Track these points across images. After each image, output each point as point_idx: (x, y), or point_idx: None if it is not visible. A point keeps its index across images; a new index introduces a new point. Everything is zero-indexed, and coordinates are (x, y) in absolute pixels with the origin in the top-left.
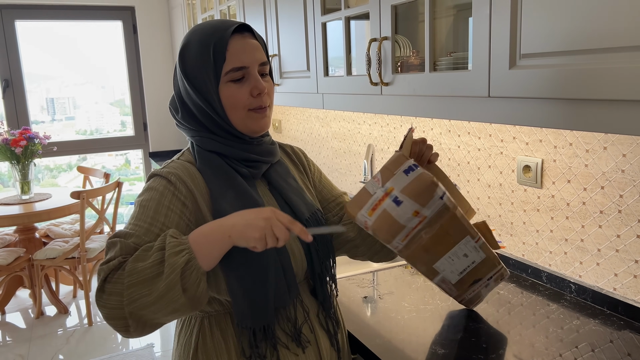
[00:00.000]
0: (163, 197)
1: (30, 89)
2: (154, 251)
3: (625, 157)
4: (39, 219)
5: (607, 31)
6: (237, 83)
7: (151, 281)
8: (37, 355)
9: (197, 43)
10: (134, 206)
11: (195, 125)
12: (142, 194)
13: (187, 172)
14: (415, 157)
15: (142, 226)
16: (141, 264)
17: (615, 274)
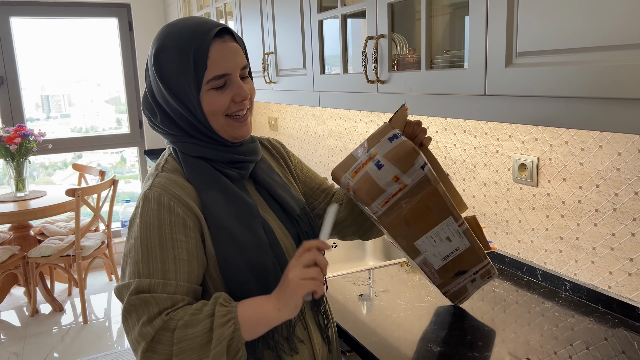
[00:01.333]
0: (162, 229)
1: (25, 86)
2: (203, 317)
3: (620, 155)
4: (34, 217)
5: (604, 29)
6: (218, 90)
7: (200, 349)
8: (31, 353)
9: (175, 48)
10: (131, 235)
11: (175, 130)
12: (138, 224)
13: (176, 185)
14: (407, 137)
15: (157, 269)
16: (191, 331)
17: (610, 272)
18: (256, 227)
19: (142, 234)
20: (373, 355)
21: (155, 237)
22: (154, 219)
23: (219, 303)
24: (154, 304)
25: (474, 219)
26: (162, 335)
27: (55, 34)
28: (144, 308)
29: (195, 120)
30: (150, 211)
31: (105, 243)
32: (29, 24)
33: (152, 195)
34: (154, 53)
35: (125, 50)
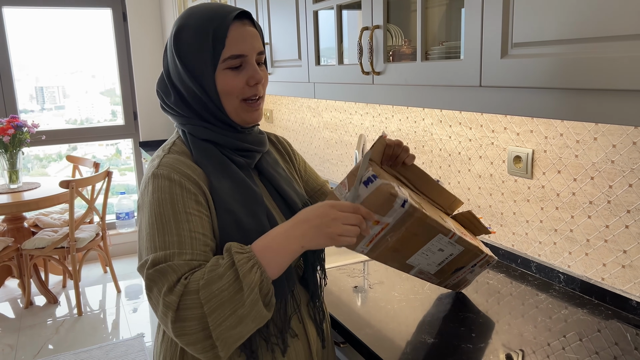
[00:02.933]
0: (175, 203)
1: (19, 77)
2: (224, 269)
3: (615, 147)
4: (28, 209)
5: (600, 20)
6: (234, 71)
7: (232, 301)
8: (26, 345)
9: (195, 27)
10: (143, 216)
11: (186, 111)
12: (149, 202)
13: (185, 165)
14: (389, 159)
15: (172, 241)
16: (216, 286)
17: (603, 264)
18: (260, 214)
19: (154, 210)
20: (367, 347)
21: (168, 211)
22: (166, 194)
23: (235, 252)
24: (171, 272)
25: (470, 214)
26: (186, 300)
27: (49, 24)
28: (162, 279)
29: (208, 100)
30: (161, 187)
31: (99, 235)
32: (22, 14)
33: (161, 173)
34: (174, 31)
35: (119, 41)
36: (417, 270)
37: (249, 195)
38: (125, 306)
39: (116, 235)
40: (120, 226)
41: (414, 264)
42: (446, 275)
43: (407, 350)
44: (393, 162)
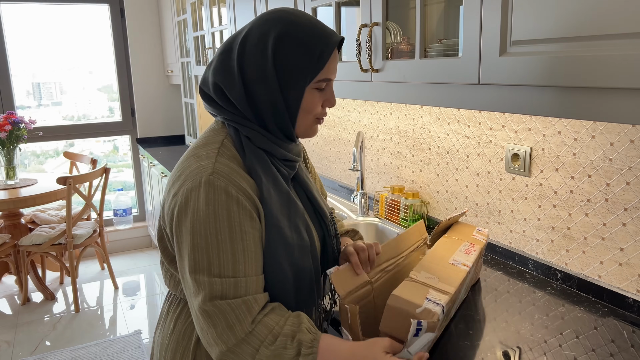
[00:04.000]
0: (232, 221)
1: (15, 73)
2: (291, 354)
3: (612, 145)
4: (25, 205)
5: (598, 18)
6: (319, 91)
7: None
8: (23, 342)
9: (301, 40)
10: (188, 222)
11: (248, 113)
12: (204, 212)
13: (240, 177)
14: (367, 262)
15: (227, 261)
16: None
17: (600, 262)
18: (302, 228)
19: (210, 223)
20: None
21: (225, 228)
22: (224, 210)
23: (304, 346)
24: (230, 312)
25: (445, 223)
26: (242, 347)
27: (47, 20)
28: (219, 316)
29: (284, 111)
30: (219, 202)
31: (97, 232)
32: (19, 10)
33: (218, 185)
34: (277, 34)
35: (117, 37)
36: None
37: (293, 209)
38: (122, 303)
39: (113, 232)
40: (117, 223)
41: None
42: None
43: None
44: (371, 262)
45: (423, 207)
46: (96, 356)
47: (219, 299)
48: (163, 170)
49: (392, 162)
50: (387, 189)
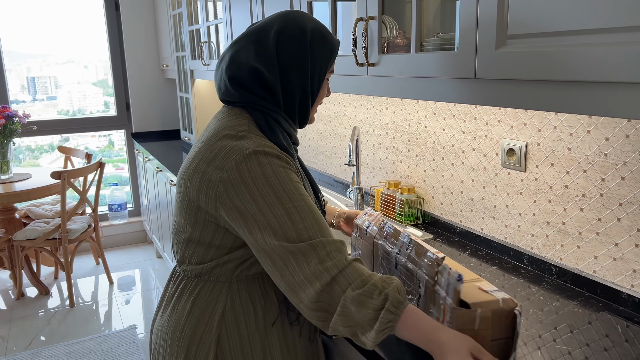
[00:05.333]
0: (291, 176)
1: (10, 67)
2: (372, 308)
3: (608, 140)
4: (19, 199)
5: (595, 12)
6: (326, 81)
7: (355, 325)
8: (17, 337)
9: (325, 35)
10: (253, 189)
11: (278, 99)
12: (262, 175)
13: (278, 150)
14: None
15: (308, 218)
16: (354, 309)
17: (595, 256)
18: (315, 203)
19: (274, 181)
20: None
21: (287, 182)
22: (281, 169)
23: (390, 310)
24: (322, 247)
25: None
26: (332, 286)
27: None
28: (311, 253)
29: (308, 96)
30: (274, 163)
31: (91, 226)
32: (13, 4)
33: (269, 152)
34: (312, 27)
35: (111, 31)
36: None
37: (308, 187)
38: (117, 298)
39: (108, 226)
40: (112, 218)
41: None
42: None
43: (401, 342)
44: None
45: (418, 202)
46: (91, 351)
47: (308, 240)
48: (158, 165)
49: (387, 157)
50: (383, 184)
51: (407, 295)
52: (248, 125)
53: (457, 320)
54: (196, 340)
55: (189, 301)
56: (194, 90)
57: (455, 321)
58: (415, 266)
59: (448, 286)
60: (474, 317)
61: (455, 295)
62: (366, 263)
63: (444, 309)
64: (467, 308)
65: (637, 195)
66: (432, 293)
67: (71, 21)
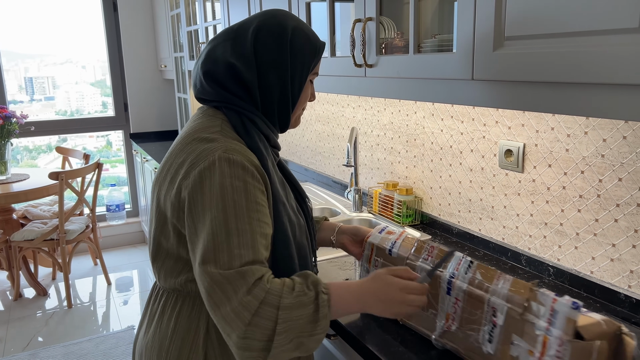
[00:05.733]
0: (248, 192)
1: (7, 67)
2: (309, 301)
3: (605, 142)
4: (16, 200)
5: (592, 14)
6: (310, 84)
7: (302, 330)
8: (15, 337)
9: (308, 35)
10: (208, 195)
11: (255, 98)
12: (220, 185)
13: (249, 153)
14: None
15: (245, 233)
16: (296, 313)
17: (592, 257)
18: (295, 205)
19: (227, 196)
20: (357, 339)
21: (242, 198)
22: (240, 182)
23: (321, 291)
24: (250, 274)
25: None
26: (265, 309)
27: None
28: (240, 280)
29: (290, 97)
30: (236, 174)
31: (89, 227)
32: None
33: (234, 159)
34: (294, 26)
35: (109, 31)
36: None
37: (286, 188)
38: (115, 298)
39: (106, 227)
40: (110, 218)
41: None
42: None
43: (398, 342)
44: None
45: (416, 203)
46: (89, 352)
47: (240, 266)
48: (156, 166)
49: (385, 157)
50: (381, 184)
51: (471, 325)
52: (221, 126)
53: (572, 356)
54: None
55: (172, 319)
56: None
57: (570, 356)
58: (485, 292)
59: (554, 315)
60: (591, 350)
61: (569, 326)
62: None
63: (546, 341)
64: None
65: (634, 196)
66: (519, 322)
67: (69, 21)
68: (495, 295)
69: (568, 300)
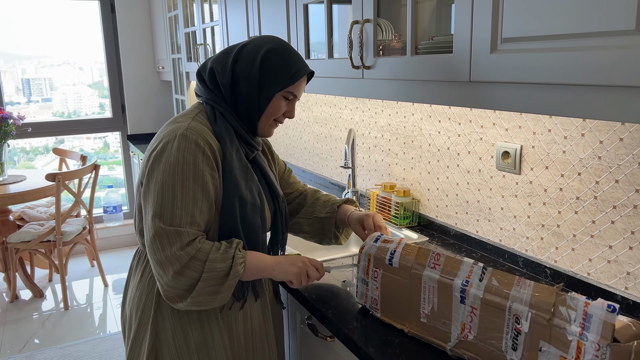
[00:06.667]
0: (197, 165)
1: (4, 69)
2: (229, 257)
3: (602, 144)
4: (13, 202)
5: (588, 16)
6: (284, 100)
7: (220, 279)
8: (11, 339)
9: (286, 58)
10: (161, 164)
11: (229, 98)
12: (175, 157)
13: (208, 135)
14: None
15: (188, 200)
16: (219, 266)
17: (589, 259)
18: (255, 190)
19: (179, 166)
20: (354, 341)
21: (190, 170)
22: (191, 156)
23: (238, 249)
24: (185, 235)
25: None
26: (193, 262)
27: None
28: (176, 237)
29: (255, 105)
30: (188, 149)
31: (86, 229)
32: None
33: (189, 136)
34: (269, 48)
35: (107, 33)
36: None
37: (249, 175)
38: (112, 300)
39: (103, 229)
40: (107, 220)
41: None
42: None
43: (395, 343)
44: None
45: (414, 205)
46: (85, 354)
47: (179, 226)
48: None
49: (383, 159)
50: (379, 186)
51: (491, 334)
52: (196, 113)
53: (612, 359)
54: (140, 309)
55: (140, 272)
56: (190, 93)
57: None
58: (504, 299)
59: (588, 319)
60: (630, 352)
61: (606, 329)
62: (395, 301)
63: (580, 346)
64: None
65: (630, 198)
66: (546, 328)
67: (67, 23)
68: (517, 302)
69: (603, 303)
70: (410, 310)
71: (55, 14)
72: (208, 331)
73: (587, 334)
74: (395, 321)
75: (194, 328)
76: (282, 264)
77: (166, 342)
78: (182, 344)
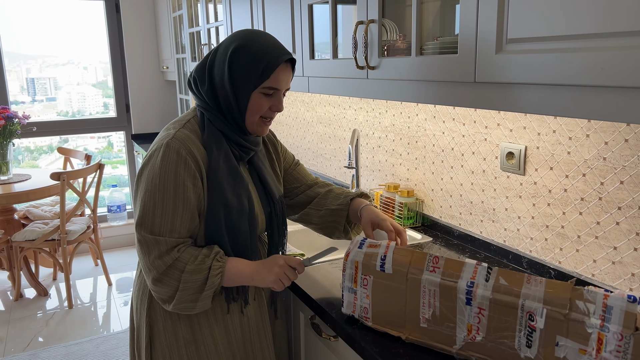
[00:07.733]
0: (178, 175)
1: (9, 68)
2: (205, 268)
3: (607, 144)
4: (18, 200)
5: (595, 17)
6: (266, 96)
7: (197, 289)
8: (16, 338)
9: (252, 54)
10: (148, 173)
11: (212, 102)
12: (159, 167)
13: (193, 144)
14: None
15: (168, 209)
16: (195, 277)
17: (594, 260)
18: (243, 196)
19: (160, 176)
20: (357, 341)
21: (171, 180)
22: (172, 166)
23: (216, 259)
24: (164, 244)
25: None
26: (171, 271)
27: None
28: (156, 246)
29: (235, 108)
30: (170, 159)
31: (91, 228)
32: (13, 5)
33: (173, 146)
34: (235, 46)
35: (112, 32)
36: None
37: (238, 180)
38: (116, 299)
39: (107, 228)
40: (111, 219)
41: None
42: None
43: (399, 343)
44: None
45: (418, 205)
46: (89, 352)
47: (158, 235)
48: None
49: (387, 159)
50: (382, 186)
51: (502, 333)
52: (189, 120)
53: (635, 348)
54: (139, 301)
55: (139, 267)
56: None
57: (633, 349)
58: (515, 297)
59: (609, 310)
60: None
61: (629, 319)
62: (389, 308)
63: (601, 337)
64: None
65: (635, 199)
66: (563, 323)
67: (71, 22)
68: (529, 299)
69: (622, 295)
70: (407, 317)
71: (60, 13)
72: (197, 327)
73: (609, 325)
74: (389, 329)
75: (182, 324)
76: (260, 272)
77: (158, 335)
78: (172, 338)
